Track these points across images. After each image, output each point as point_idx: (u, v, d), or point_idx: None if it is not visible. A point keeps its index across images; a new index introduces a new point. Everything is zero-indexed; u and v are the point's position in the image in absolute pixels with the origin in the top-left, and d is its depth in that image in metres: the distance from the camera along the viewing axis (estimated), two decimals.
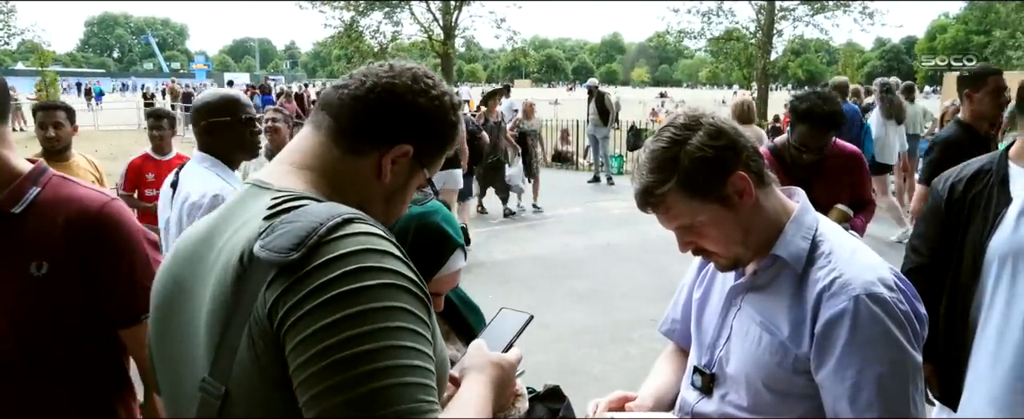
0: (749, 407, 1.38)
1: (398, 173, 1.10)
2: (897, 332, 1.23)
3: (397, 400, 0.84)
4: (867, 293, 1.23)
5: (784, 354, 1.32)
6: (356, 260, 0.89)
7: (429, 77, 1.12)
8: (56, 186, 1.46)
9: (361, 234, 0.93)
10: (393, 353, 0.86)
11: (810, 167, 3.31)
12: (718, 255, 1.37)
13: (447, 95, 1.13)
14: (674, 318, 1.71)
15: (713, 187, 1.29)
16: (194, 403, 0.97)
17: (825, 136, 3.21)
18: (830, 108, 3.16)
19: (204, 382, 0.95)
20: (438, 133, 1.12)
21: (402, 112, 1.08)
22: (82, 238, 1.41)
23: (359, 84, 1.09)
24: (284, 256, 0.89)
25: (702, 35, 25.19)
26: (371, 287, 0.88)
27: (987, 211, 2.12)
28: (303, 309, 0.87)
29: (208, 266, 1.00)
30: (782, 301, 1.34)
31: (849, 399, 1.24)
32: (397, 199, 1.13)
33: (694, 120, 1.31)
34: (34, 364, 1.41)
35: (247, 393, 0.92)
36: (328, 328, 0.85)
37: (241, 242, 0.95)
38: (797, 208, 1.39)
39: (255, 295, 0.90)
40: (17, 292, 1.38)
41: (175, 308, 1.05)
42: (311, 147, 1.09)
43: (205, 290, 0.98)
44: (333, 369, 0.84)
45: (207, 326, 0.96)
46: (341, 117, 1.07)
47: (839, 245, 1.33)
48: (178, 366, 1.03)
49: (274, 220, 0.95)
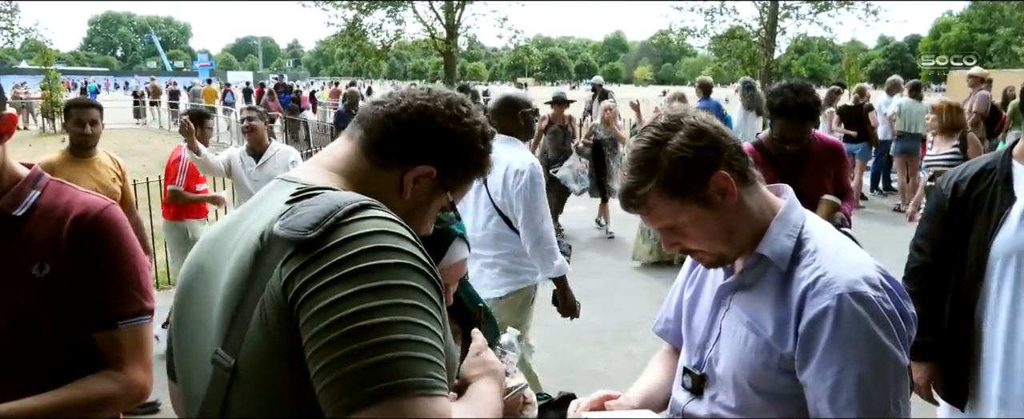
0: (737, 408, 1.37)
1: (420, 192, 1.14)
2: (880, 331, 1.22)
3: (408, 372, 0.86)
4: (851, 292, 1.22)
5: (769, 354, 1.31)
6: (374, 240, 0.93)
7: (465, 105, 1.17)
8: (55, 190, 1.49)
9: (378, 218, 0.97)
10: (407, 328, 0.88)
11: (795, 160, 3.37)
12: (703, 253, 1.37)
13: (479, 124, 1.17)
14: (667, 318, 1.70)
15: (694, 187, 1.29)
16: (206, 379, 1.01)
17: (802, 127, 3.28)
18: (803, 100, 3.22)
19: (216, 354, 0.99)
20: (463, 158, 1.16)
21: (429, 134, 1.12)
22: (81, 240, 1.44)
23: (395, 103, 1.14)
24: (302, 234, 0.93)
25: (705, 33, 25.17)
26: (388, 265, 0.92)
27: (991, 210, 2.11)
28: (320, 282, 0.90)
29: (229, 249, 1.05)
30: (767, 300, 1.33)
31: (829, 399, 1.23)
32: (417, 217, 1.15)
33: (675, 120, 1.31)
34: (36, 364, 1.43)
35: (255, 366, 0.95)
36: (344, 300, 0.88)
37: (263, 224, 1.00)
38: (783, 206, 1.38)
39: (271, 270, 0.94)
40: (19, 293, 1.39)
41: (195, 292, 1.10)
42: (343, 154, 1.15)
43: (224, 271, 1.03)
44: (347, 338, 0.86)
45: (223, 300, 1.00)
46: (373, 131, 1.13)
47: (825, 243, 1.32)
48: (193, 345, 1.07)
49: (295, 204, 1.00)
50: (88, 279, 1.44)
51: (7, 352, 1.40)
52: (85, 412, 1.40)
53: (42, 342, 1.43)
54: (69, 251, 1.42)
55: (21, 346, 1.41)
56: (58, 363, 1.44)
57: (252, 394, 0.96)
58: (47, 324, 1.42)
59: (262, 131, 4.95)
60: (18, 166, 1.48)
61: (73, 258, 1.42)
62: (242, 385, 0.96)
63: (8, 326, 1.39)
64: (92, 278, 1.44)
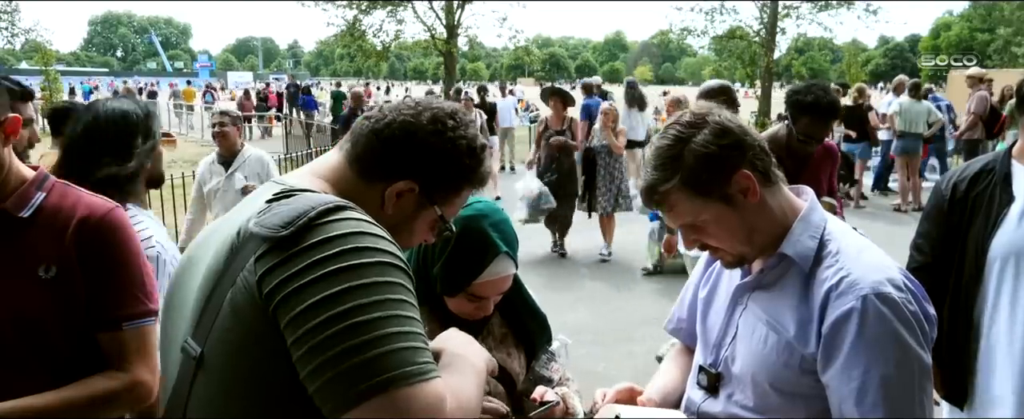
0: (755, 407, 1.37)
1: (403, 207, 1.15)
2: (905, 333, 1.21)
3: (404, 362, 0.90)
4: (875, 293, 1.22)
5: (790, 354, 1.31)
6: (353, 240, 0.96)
7: (452, 118, 1.16)
8: (60, 192, 1.49)
9: (353, 219, 1.00)
10: (396, 322, 0.92)
11: (801, 160, 3.41)
12: (723, 252, 1.37)
13: (465, 138, 1.15)
14: (680, 316, 1.70)
15: (717, 185, 1.28)
16: (177, 366, 1.04)
17: (828, 126, 3.37)
18: (831, 99, 3.31)
19: (185, 343, 1.03)
20: (447, 173, 1.16)
21: (411, 149, 1.13)
22: (86, 242, 1.44)
23: (380, 118, 1.16)
24: (274, 231, 0.96)
25: (705, 33, 25.18)
26: (370, 263, 0.94)
27: (989, 210, 2.11)
28: (301, 281, 0.92)
29: (212, 244, 1.08)
30: (789, 300, 1.33)
31: (855, 400, 1.22)
32: (402, 231, 1.15)
33: (700, 118, 1.31)
34: (41, 365, 1.43)
35: (220, 356, 0.98)
36: (332, 298, 0.90)
37: (242, 220, 1.04)
38: (805, 207, 1.38)
39: (243, 264, 0.98)
40: (25, 295, 1.40)
41: (181, 283, 1.13)
42: (332, 164, 1.18)
43: (204, 265, 1.06)
44: (341, 336, 0.89)
45: (198, 291, 1.04)
46: (358, 144, 1.15)
47: (847, 244, 1.32)
48: (172, 332, 1.11)
49: (274, 203, 1.04)
50: (92, 281, 1.44)
51: (13, 354, 1.40)
52: (87, 411, 1.40)
53: (48, 344, 1.43)
54: (74, 253, 1.43)
55: (27, 348, 1.41)
56: (63, 365, 1.44)
57: (215, 384, 0.99)
58: (53, 326, 1.42)
59: (234, 137, 4.72)
60: (24, 168, 1.48)
61: (78, 260, 1.43)
62: (207, 374, 1.00)
63: (14, 328, 1.39)
64: (96, 280, 1.45)
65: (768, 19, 23.53)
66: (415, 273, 1.05)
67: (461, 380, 1.04)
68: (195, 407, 1.01)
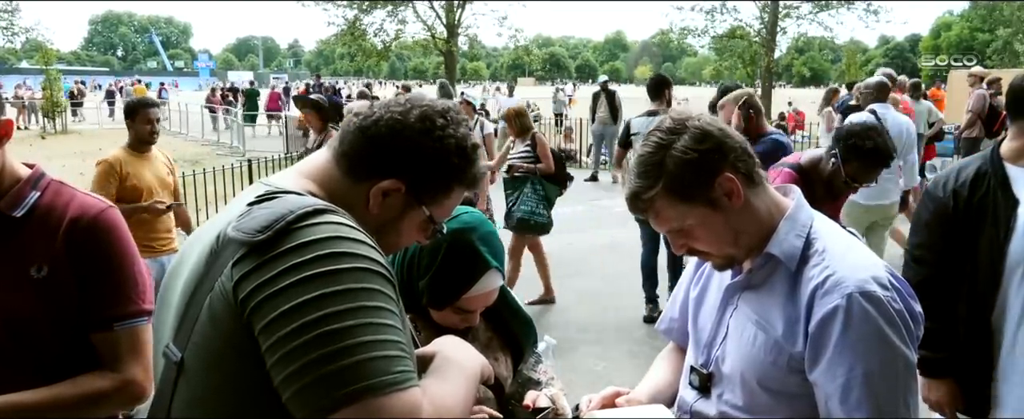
0: (745, 407, 1.38)
1: (389, 206, 1.12)
2: (890, 331, 1.22)
3: (380, 371, 0.88)
4: (860, 291, 1.23)
5: (779, 353, 1.32)
6: (330, 245, 0.94)
7: (442, 116, 1.13)
8: (55, 191, 1.48)
9: (331, 223, 0.97)
10: (372, 329, 0.90)
11: (834, 195, 3.23)
12: (711, 255, 1.37)
13: (453, 137, 1.12)
14: (672, 316, 1.70)
15: (700, 190, 1.29)
16: (160, 371, 1.04)
17: (878, 173, 3.15)
18: (889, 148, 3.09)
19: (167, 348, 1.03)
20: (435, 172, 1.13)
21: (397, 147, 1.10)
22: (78, 242, 1.43)
23: (369, 116, 1.13)
24: (251, 236, 0.94)
25: (706, 33, 25.24)
26: (346, 269, 0.92)
27: (996, 216, 2.05)
28: (276, 286, 0.90)
29: (197, 246, 1.07)
30: (776, 299, 1.33)
31: (840, 398, 1.23)
32: (389, 231, 1.14)
33: (680, 123, 1.31)
34: (34, 365, 1.42)
35: (200, 362, 0.98)
36: (306, 305, 0.89)
37: (223, 224, 1.02)
38: (791, 206, 1.38)
39: (222, 269, 0.96)
40: (18, 294, 1.39)
41: (169, 286, 1.12)
42: (320, 163, 1.15)
43: (189, 266, 1.05)
44: (315, 343, 0.87)
45: (180, 296, 1.04)
46: (345, 142, 1.13)
47: (833, 243, 1.33)
48: (160, 335, 1.10)
49: (254, 206, 1.02)
50: (83, 281, 1.44)
51: (5, 354, 1.40)
52: (75, 409, 1.40)
53: (40, 344, 1.43)
54: (66, 253, 1.42)
55: (19, 347, 1.41)
56: (56, 364, 1.44)
57: (196, 389, 0.98)
58: (45, 326, 1.42)
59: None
60: (19, 167, 1.48)
61: (70, 260, 1.42)
62: (187, 379, 0.99)
63: (6, 327, 1.39)
64: (87, 280, 1.44)
65: (768, 19, 23.56)
66: (399, 285, 1.03)
67: (445, 387, 1.03)
68: (177, 410, 1.01)
